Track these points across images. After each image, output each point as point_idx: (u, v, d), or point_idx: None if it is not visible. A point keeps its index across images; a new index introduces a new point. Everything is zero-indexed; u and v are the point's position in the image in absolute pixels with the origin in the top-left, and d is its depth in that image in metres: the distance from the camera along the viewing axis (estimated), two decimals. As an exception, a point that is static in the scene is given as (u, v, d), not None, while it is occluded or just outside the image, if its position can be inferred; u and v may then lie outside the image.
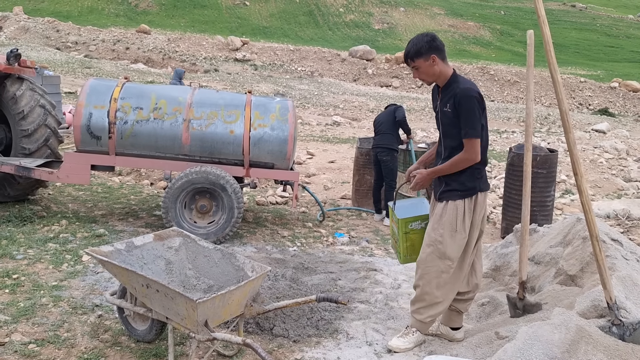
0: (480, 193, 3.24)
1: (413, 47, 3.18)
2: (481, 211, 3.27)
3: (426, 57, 3.16)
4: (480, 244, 3.39)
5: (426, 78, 3.24)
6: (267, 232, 6.00)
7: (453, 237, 3.18)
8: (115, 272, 2.91)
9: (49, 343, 3.13)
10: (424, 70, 3.20)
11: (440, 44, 3.20)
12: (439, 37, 3.24)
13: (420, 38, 3.20)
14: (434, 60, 3.16)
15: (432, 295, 3.26)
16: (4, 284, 3.92)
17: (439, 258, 3.21)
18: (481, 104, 3.14)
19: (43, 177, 5.54)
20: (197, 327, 2.67)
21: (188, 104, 5.47)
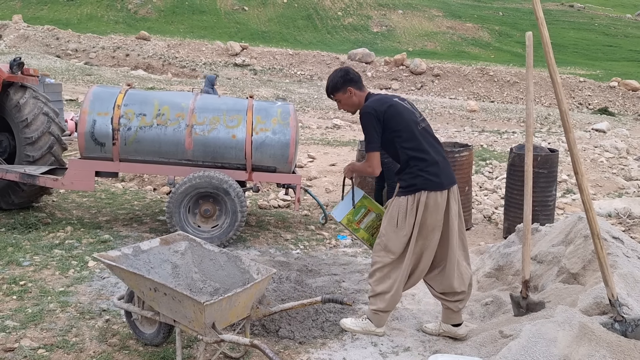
0: (425, 192, 3.31)
1: (330, 83, 3.52)
2: (434, 212, 3.31)
3: (343, 91, 3.49)
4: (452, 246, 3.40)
5: (348, 109, 3.56)
6: (270, 236, 6.04)
7: (395, 232, 3.36)
8: (123, 276, 2.95)
9: (58, 348, 3.16)
10: (344, 102, 3.53)
11: (355, 76, 3.53)
12: (352, 69, 3.58)
13: (335, 74, 3.53)
14: (350, 92, 3.49)
15: (374, 286, 3.47)
16: (12, 290, 3.96)
17: (383, 250, 3.42)
18: (380, 116, 3.35)
19: (48, 185, 5.58)
20: (205, 330, 2.71)
21: (190, 110, 5.52)
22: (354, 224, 3.77)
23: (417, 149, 3.36)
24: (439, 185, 3.34)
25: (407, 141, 3.36)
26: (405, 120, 3.39)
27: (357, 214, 3.74)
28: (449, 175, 3.43)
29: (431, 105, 25.01)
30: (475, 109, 24.22)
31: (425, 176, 3.33)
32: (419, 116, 3.51)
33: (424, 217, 3.32)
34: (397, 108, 3.40)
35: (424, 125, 3.48)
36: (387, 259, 3.41)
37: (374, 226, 3.76)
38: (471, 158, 6.76)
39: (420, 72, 33.07)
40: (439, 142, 3.55)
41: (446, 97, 30.54)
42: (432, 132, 3.53)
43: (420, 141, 3.38)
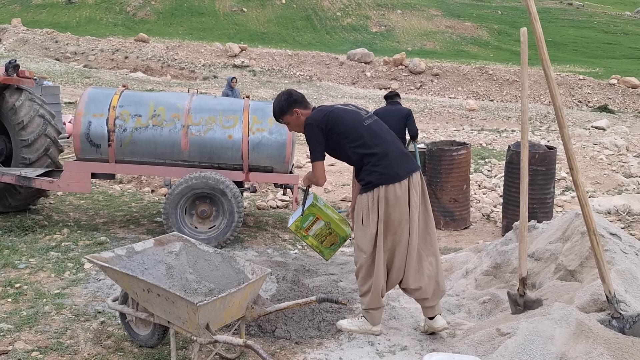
0: (383, 187, 3.31)
1: (276, 107, 3.57)
2: (396, 205, 3.30)
3: (290, 113, 3.52)
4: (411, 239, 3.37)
5: (299, 129, 3.59)
6: (268, 236, 6.02)
7: (362, 231, 3.38)
8: (117, 277, 2.93)
9: (52, 350, 3.14)
10: (293, 123, 3.57)
11: (298, 97, 3.56)
12: (295, 90, 3.62)
13: (279, 98, 3.56)
14: (297, 112, 3.52)
15: (360, 286, 3.50)
16: (7, 293, 3.94)
17: (357, 250, 3.46)
18: (321, 125, 3.39)
19: (44, 187, 5.57)
20: (199, 330, 2.69)
21: (186, 110, 5.50)
22: (302, 231, 3.83)
23: (365, 145, 3.38)
24: (395, 177, 3.32)
25: (354, 141, 3.39)
26: (347, 121, 3.44)
27: (305, 221, 3.78)
28: (405, 165, 3.40)
29: (430, 105, 24.98)
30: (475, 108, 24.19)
31: (378, 170, 3.33)
32: (365, 114, 3.55)
33: (387, 212, 3.32)
34: (336, 113, 3.46)
35: (370, 122, 3.49)
36: (362, 258, 3.42)
37: (323, 234, 3.82)
38: (469, 156, 6.74)
39: (419, 71, 33.05)
40: (392, 133, 3.55)
41: (445, 96, 30.51)
42: (381, 126, 3.53)
43: (367, 138, 3.40)
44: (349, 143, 3.42)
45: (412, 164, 3.46)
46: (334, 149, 3.51)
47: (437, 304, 3.56)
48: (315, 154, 3.45)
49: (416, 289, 3.46)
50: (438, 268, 3.53)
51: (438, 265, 3.54)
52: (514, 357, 2.73)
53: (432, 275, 3.48)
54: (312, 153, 3.46)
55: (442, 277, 3.58)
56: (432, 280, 3.47)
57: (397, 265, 3.43)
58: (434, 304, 3.52)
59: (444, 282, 3.63)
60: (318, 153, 3.45)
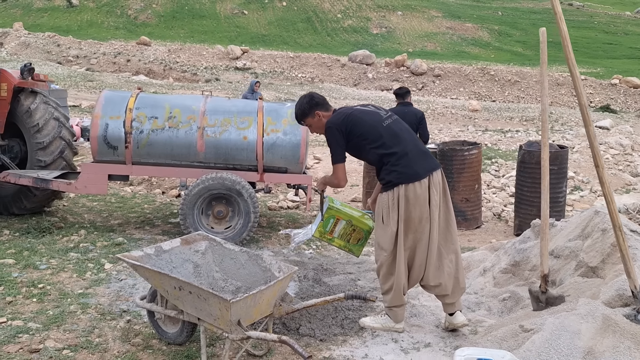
0: (403, 186, 3.34)
1: (298, 110, 3.64)
2: (416, 204, 3.34)
3: (312, 115, 3.59)
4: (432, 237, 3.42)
5: (320, 131, 3.65)
6: (282, 236, 6.06)
7: (382, 229, 3.42)
8: (147, 275, 2.97)
9: (82, 348, 3.18)
10: (315, 125, 3.64)
11: (320, 99, 3.64)
12: (316, 93, 3.70)
13: (301, 101, 3.64)
14: (318, 115, 3.59)
15: (381, 284, 3.53)
16: (31, 293, 3.98)
17: (378, 248, 3.49)
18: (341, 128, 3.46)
19: (61, 189, 5.62)
20: (231, 327, 2.73)
21: (201, 112, 5.55)
22: (327, 235, 3.91)
23: (384, 146, 3.43)
24: (415, 176, 3.36)
25: (373, 142, 3.45)
26: (367, 123, 3.50)
27: (327, 225, 3.86)
28: (424, 163, 3.44)
29: (433, 106, 25.02)
30: (478, 109, 24.23)
31: (398, 170, 3.38)
32: (385, 114, 3.59)
33: (408, 211, 3.36)
34: (355, 115, 3.53)
35: (390, 122, 3.54)
36: (382, 256, 3.46)
37: (347, 232, 3.89)
38: (480, 156, 6.79)
39: (421, 72, 33.10)
40: (411, 132, 3.61)
41: (447, 97, 30.55)
42: (400, 126, 3.56)
43: (386, 138, 3.45)
44: (369, 144, 3.47)
45: (432, 163, 3.50)
46: (355, 150, 3.57)
47: (458, 301, 3.60)
48: (336, 157, 3.51)
49: (436, 286, 3.51)
50: (458, 265, 3.57)
51: (458, 263, 3.58)
52: (541, 352, 2.77)
53: (452, 272, 3.52)
54: (333, 155, 3.52)
55: (463, 275, 3.63)
56: (451, 277, 3.52)
57: (418, 263, 3.48)
58: (454, 301, 3.57)
59: (464, 280, 3.68)
60: (339, 155, 3.51)
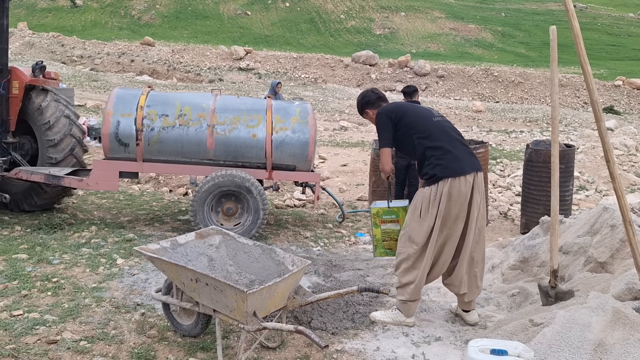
0: (448, 180, 3.38)
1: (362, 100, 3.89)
2: (457, 201, 3.37)
3: (376, 107, 3.79)
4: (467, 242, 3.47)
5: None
6: (290, 234, 6.11)
7: (418, 223, 3.44)
8: (164, 268, 3.02)
9: (99, 340, 3.23)
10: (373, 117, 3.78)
11: (382, 95, 3.91)
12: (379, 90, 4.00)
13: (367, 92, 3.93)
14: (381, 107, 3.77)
15: (401, 277, 3.55)
16: (46, 287, 4.04)
17: (407, 241, 3.49)
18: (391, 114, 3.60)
19: (72, 185, 5.67)
20: (247, 318, 2.78)
21: (211, 110, 5.60)
22: (379, 220, 3.91)
23: (431, 138, 3.48)
24: (460, 171, 3.39)
25: (421, 132, 3.50)
26: (417, 114, 3.58)
27: (387, 215, 3.88)
28: (470, 162, 3.48)
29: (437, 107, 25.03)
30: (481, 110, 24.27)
31: (443, 164, 3.42)
32: (437, 113, 3.69)
33: (448, 207, 3.39)
34: (406, 106, 3.65)
35: (440, 119, 3.61)
36: (411, 249, 3.48)
37: (391, 235, 3.90)
38: (487, 155, 6.82)
39: (424, 73, 33.15)
40: (459, 133, 3.64)
41: (451, 98, 30.60)
42: (450, 125, 3.63)
43: (434, 131, 3.50)
44: (416, 134, 3.52)
45: (477, 163, 3.54)
46: (401, 141, 3.63)
47: (474, 300, 3.67)
48: (383, 141, 3.63)
49: (456, 286, 3.59)
50: (482, 271, 3.66)
51: (483, 268, 3.67)
52: (552, 344, 2.81)
53: (477, 274, 3.62)
54: (380, 140, 3.64)
55: (482, 277, 3.69)
56: (475, 279, 3.62)
57: (443, 260, 3.52)
58: (471, 300, 3.63)
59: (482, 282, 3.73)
60: (385, 140, 3.62)
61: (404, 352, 3.29)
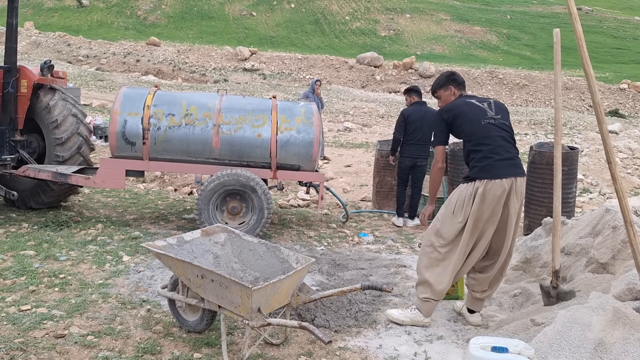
0: (483, 181, 3.39)
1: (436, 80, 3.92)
2: (491, 204, 3.37)
3: (445, 88, 3.83)
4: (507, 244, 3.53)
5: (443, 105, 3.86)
6: (294, 233, 6.16)
7: (450, 219, 3.47)
8: (171, 264, 3.07)
9: (106, 335, 3.28)
10: (443, 98, 3.85)
11: (459, 78, 3.90)
12: (458, 74, 3.96)
13: (442, 74, 3.94)
14: (451, 89, 3.83)
15: (421, 273, 3.56)
16: (53, 283, 4.09)
17: (434, 234, 3.52)
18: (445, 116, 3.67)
19: (79, 183, 5.74)
20: (251, 314, 2.82)
21: (217, 110, 5.66)
22: None
23: (475, 142, 3.54)
24: (496, 174, 3.40)
25: (467, 135, 3.59)
26: (467, 117, 3.61)
27: None
28: (509, 168, 3.46)
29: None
30: (486, 112, 24.21)
31: (479, 166, 3.46)
32: (491, 114, 3.62)
33: (480, 210, 3.39)
34: (462, 108, 3.66)
35: (490, 122, 3.58)
36: (437, 242, 3.50)
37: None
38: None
39: (429, 75, 33.17)
40: (509, 137, 3.60)
41: (455, 100, 30.56)
42: (501, 127, 3.58)
43: (478, 136, 3.54)
44: (464, 137, 3.63)
45: (519, 170, 3.51)
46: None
47: (483, 302, 3.73)
48: (436, 139, 3.76)
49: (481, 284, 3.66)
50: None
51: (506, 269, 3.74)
52: (552, 343, 2.84)
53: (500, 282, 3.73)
54: (434, 137, 3.79)
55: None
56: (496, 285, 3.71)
57: (469, 263, 3.56)
58: (483, 298, 3.68)
59: None
60: (437, 139, 3.74)
61: (406, 350, 3.33)
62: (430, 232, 3.59)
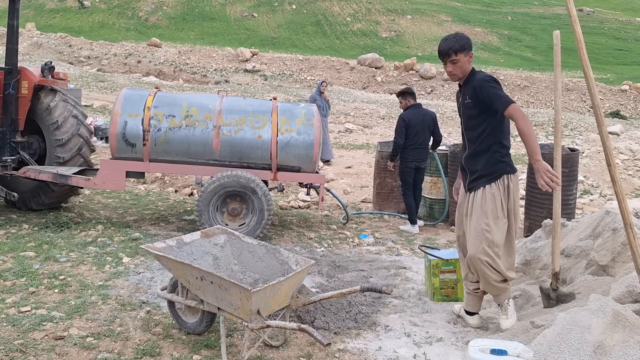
0: (507, 176, 3.41)
1: (461, 40, 3.44)
2: (514, 196, 3.44)
3: (466, 53, 3.44)
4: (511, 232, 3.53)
5: (458, 73, 3.48)
6: (294, 235, 6.16)
7: (497, 224, 3.37)
8: (170, 266, 3.07)
9: (105, 336, 3.29)
10: (460, 64, 3.44)
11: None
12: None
13: (462, 36, 3.51)
14: (471, 56, 3.49)
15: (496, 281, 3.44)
16: (53, 284, 4.10)
17: (492, 245, 3.36)
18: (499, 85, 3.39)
19: (80, 184, 5.74)
20: (251, 316, 2.82)
21: (218, 111, 5.66)
22: (437, 270, 4.16)
23: (504, 135, 3.44)
24: (514, 169, 3.49)
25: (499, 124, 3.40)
26: None
27: (445, 266, 4.15)
28: None
29: (442, 110, 25.05)
30: (487, 113, 24.20)
31: (507, 161, 3.45)
32: None
33: (511, 201, 3.43)
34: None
35: None
36: (493, 253, 3.38)
37: (449, 285, 4.15)
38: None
39: (430, 76, 33.15)
40: None
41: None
42: None
43: (507, 128, 3.49)
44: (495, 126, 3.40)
45: None
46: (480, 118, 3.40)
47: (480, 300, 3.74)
48: (506, 98, 3.25)
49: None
50: None
51: None
52: (552, 345, 2.83)
53: None
54: (504, 97, 3.26)
55: None
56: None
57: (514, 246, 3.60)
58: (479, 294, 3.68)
59: None
60: (507, 97, 3.26)
61: (406, 352, 3.33)
62: (483, 248, 3.35)
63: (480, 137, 3.45)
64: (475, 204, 3.43)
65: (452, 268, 4.14)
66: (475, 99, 3.40)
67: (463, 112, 3.57)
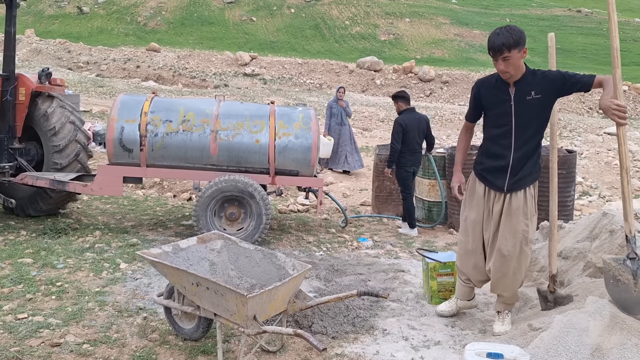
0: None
1: (517, 35, 3.16)
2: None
3: (521, 48, 3.18)
4: None
5: (512, 70, 3.22)
6: (293, 239, 6.15)
7: (532, 222, 3.44)
8: (166, 272, 3.06)
9: (102, 343, 3.28)
10: (514, 59, 3.18)
11: None
12: None
13: (519, 30, 3.20)
14: (526, 52, 3.21)
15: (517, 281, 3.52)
16: (50, 291, 4.09)
17: (527, 245, 3.43)
18: None
19: (77, 190, 5.74)
20: (247, 322, 2.81)
21: (215, 116, 5.66)
22: (435, 273, 4.16)
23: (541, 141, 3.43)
24: None
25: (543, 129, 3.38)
26: None
27: (443, 269, 4.15)
28: None
29: (441, 112, 25.09)
30: (486, 115, 24.21)
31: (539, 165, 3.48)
32: None
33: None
34: None
35: None
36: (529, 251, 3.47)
37: (446, 287, 4.15)
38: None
39: (429, 79, 33.20)
40: None
41: (455, 103, 30.59)
42: None
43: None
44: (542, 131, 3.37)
45: None
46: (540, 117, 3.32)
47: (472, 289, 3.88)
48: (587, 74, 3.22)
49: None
50: None
51: None
52: (549, 348, 2.82)
53: None
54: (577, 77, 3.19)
55: None
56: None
57: None
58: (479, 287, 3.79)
59: None
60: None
61: (403, 355, 3.32)
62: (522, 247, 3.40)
63: (533, 136, 3.30)
64: (515, 205, 3.37)
65: (449, 271, 4.14)
66: (550, 91, 3.22)
67: (522, 110, 3.27)
